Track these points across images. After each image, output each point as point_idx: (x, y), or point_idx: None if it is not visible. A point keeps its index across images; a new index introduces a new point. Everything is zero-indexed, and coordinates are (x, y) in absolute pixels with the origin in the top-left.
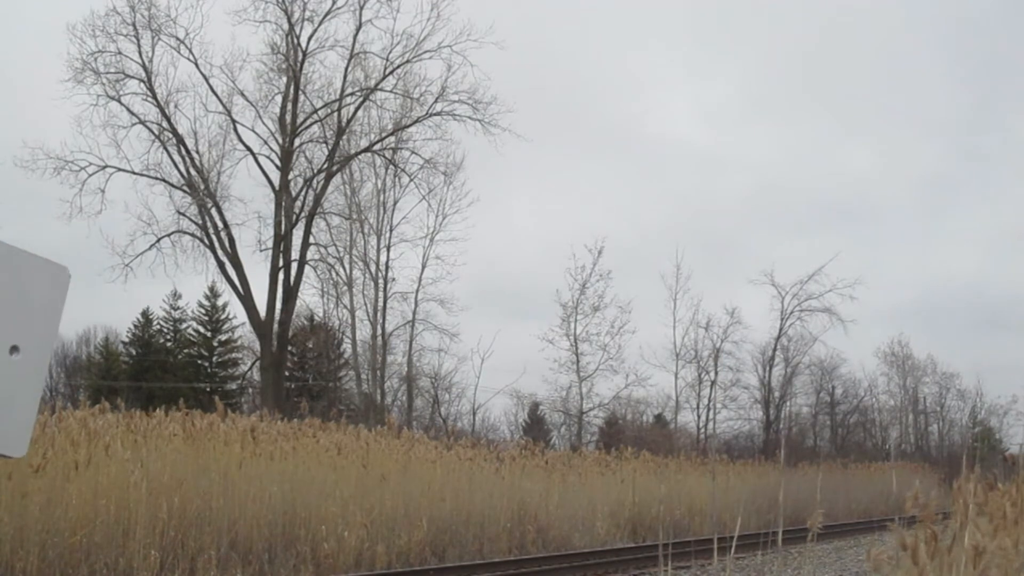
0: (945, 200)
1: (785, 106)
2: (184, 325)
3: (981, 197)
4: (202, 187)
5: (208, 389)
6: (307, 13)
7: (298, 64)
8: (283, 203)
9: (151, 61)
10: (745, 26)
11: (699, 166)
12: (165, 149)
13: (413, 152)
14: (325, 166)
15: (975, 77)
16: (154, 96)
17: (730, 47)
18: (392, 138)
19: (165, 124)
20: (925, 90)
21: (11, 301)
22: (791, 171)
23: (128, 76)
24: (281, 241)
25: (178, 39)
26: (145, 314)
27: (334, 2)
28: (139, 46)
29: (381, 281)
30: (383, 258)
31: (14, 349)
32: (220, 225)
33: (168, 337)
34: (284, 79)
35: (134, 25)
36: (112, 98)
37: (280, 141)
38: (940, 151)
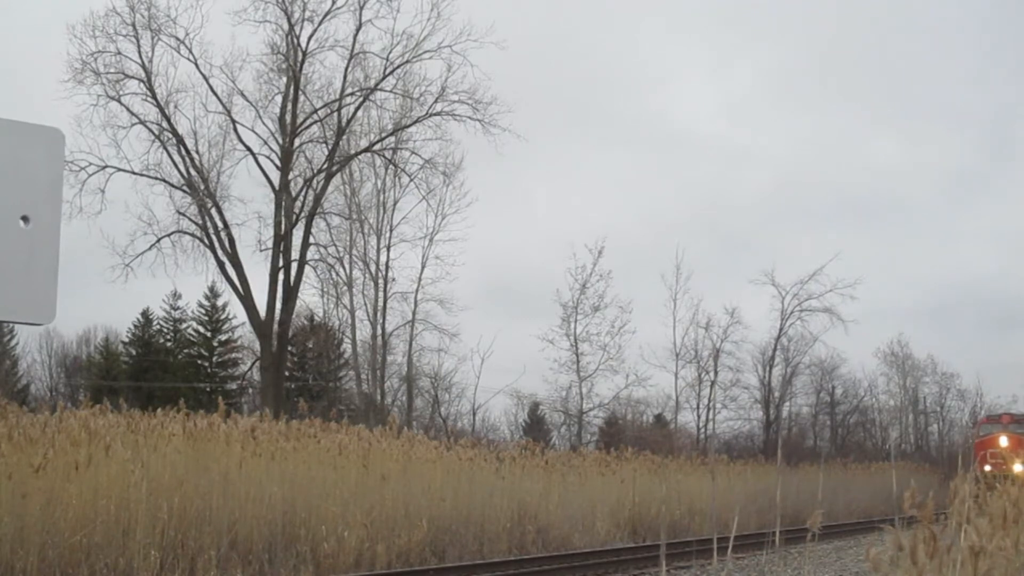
0: (969, 196)
1: (807, 98)
2: (184, 325)
3: (1006, 194)
4: (202, 187)
5: (208, 389)
6: (307, 13)
7: (298, 64)
8: (283, 203)
9: (151, 61)
10: (764, 15)
11: (715, 161)
12: (165, 149)
13: (413, 152)
14: (325, 166)
15: (1008, 69)
16: (154, 96)
17: (750, 37)
18: (392, 138)
19: (165, 124)
20: (955, 82)
21: (14, 172)
22: (811, 166)
23: (128, 76)
24: (281, 241)
25: (178, 39)
26: (145, 314)
27: (334, 2)
28: (139, 46)
29: (381, 281)
30: (383, 258)
31: (25, 219)
32: (220, 225)
33: (168, 337)
34: (284, 79)
35: (134, 25)
36: (112, 98)
37: (280, 141)
38: (969, 146)
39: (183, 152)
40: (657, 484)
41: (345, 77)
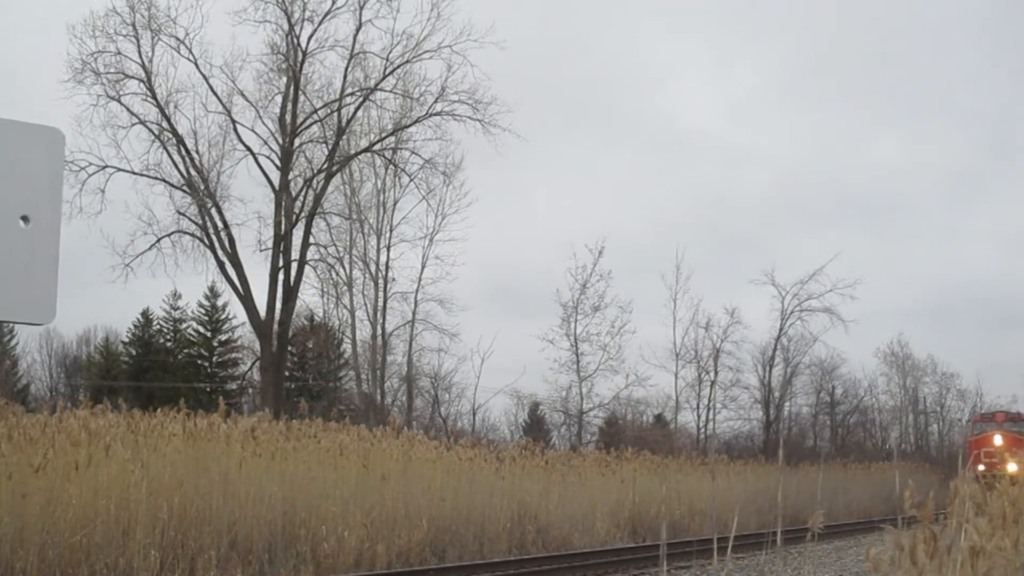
0: (969, 196)
1: (807, 98)
2: (184, 325)
3: (1006, 194)
4: (202, 187)
5: (208, 389)
6: (307, 13)
7: (298, 64)
8: (283, 203)
9: (151, 61)
10: (764, 15)
11: (716, 161)
12: (165, 149)
13: (413, 152)
14: (325, 166)
15: (1008, 69)
16: (154, 96)
17: (750, 37)
18: (392, 138)
19: (165, 124)
20: (955, 82)
21: (15, 172)
22: (811, 166)
23: (128, 76)
24: (281, 241)
25: (178, 39)
26: (145, 314)
27: (334, 2)
28: (139, 46)
29: (381, 281)
30: (383, 258)
31: (25, 219)
32: (220, 225)
33: (168, 337)
34: (284, 79)
35: (134, 25)
36: (112, 98)
37: (280, 141)
38: (969, 146)
39: (183, 152)
40: (657, 484)
41: (345, 77)
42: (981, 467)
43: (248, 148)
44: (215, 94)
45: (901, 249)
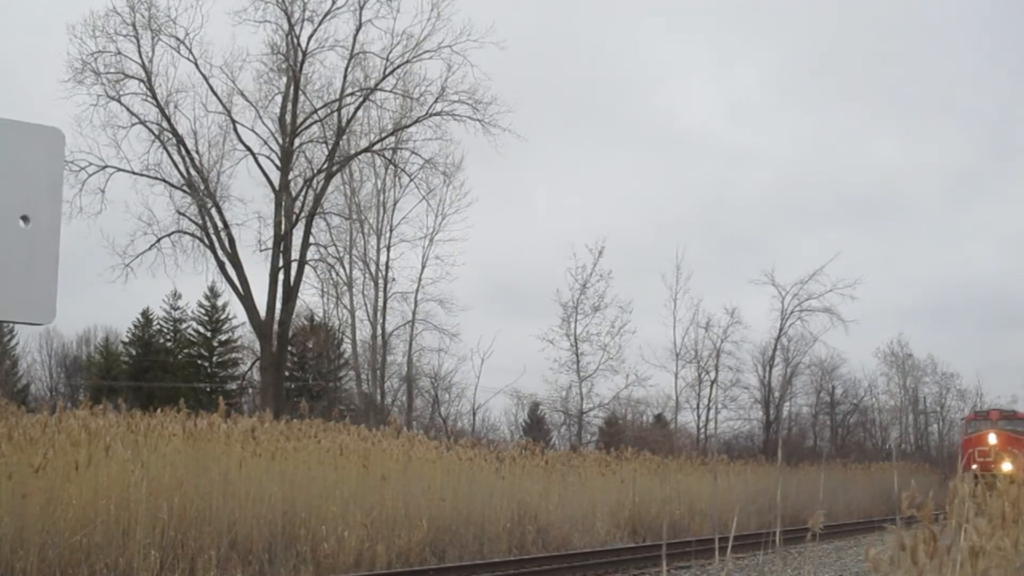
0: (969, 196)
1: (807, 98)
2: (184, 325)
3: (1006, 194)
4: (202, 187)
5: (208, 389)
6: (307, 13)
7: (298, 64)
8: (283, 203)
9: (151, 61)
10: (764, 15)
11: (716, 161)
12: (165, 149)
13: (413, 152)
14: (325, 166)
15: (1008, 69)
16: (154, 96)
17: (750, 37)
18: (392, 138)
19: (165, 124)
20: (955, 82)
21: (15, 172)
22: (812, 166)
23: (128, 76)
24: (281, 241)
25: (178, 39)
26: (145, 314)
27: (334, 2)
28: (139, 46)
29: (381, 281)
30: (383, 258)
31: (25, 219)
32: (220, 225)
33: (168, 337)
34: (284, 79)
35: (134, 25)
36: (112, 98)
37: (280, 141)
38: (969, 146)
39: (183, 152)
40: (657, 484)
41: (345, 77)
42: (974, 467)
43: (248, 148)
44: (215, 94)
45: (901, 249)
